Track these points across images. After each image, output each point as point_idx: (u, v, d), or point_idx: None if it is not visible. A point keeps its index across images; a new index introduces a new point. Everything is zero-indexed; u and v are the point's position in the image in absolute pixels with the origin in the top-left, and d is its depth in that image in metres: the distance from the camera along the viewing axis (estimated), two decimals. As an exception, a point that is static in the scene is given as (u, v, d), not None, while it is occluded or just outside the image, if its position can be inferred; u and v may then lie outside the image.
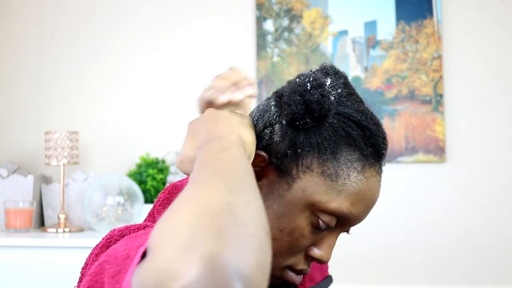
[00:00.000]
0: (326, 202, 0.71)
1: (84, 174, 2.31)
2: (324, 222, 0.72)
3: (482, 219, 2.34)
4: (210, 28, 2.49)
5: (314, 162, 0.72)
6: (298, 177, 0.72)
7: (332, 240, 0.75)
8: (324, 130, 0.72)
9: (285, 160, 0.72)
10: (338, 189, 0.71)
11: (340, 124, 0.73)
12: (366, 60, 2.43)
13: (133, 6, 2.52)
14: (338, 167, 0.72)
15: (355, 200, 0.72)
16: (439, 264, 2.35)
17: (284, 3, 2.45)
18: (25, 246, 1.98)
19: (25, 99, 2.51)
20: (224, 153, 0.60)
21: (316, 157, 0.72)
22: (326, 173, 0.71)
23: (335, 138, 0.72)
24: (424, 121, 2.37)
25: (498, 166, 2.36)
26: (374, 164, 0.74)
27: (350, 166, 0.72)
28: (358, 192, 0.72)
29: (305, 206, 0.71)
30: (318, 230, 0.73)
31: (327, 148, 0.72)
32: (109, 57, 2.51)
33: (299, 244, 0.72)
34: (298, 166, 0.72)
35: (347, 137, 0.72)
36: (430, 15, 2.39)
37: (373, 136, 0.74)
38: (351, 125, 0.73)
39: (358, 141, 0.73)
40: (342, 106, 0.74)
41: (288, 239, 0.72)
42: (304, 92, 0.71)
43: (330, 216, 0.72)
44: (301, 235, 0.72)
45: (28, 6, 2.53)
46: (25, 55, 2.53)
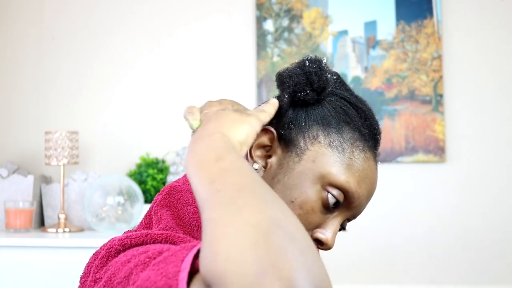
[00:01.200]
0: (336, 174, 0.72)
1: (84, 174, 2.31)
2: (333, 196, 0.72)
3: (482, 219, 2.34)
4: (210, 28, 2.49)
5: (320, 134, 0.74)
6: (306, 148, 0.74)
7: (336, 225, 0.75)
8: (324, 107, 0.75)
9: (292, 132, 0.75)
10: (346, 162, 0.73)
11: (338, 103, 0.76)
12: (366, 60, 2.43)
13: (133, 6, 2.52)
14: (343, 142, 0.74)
15: (360, 178, 0.74)
16: (439, 264, 2.35)
17: (284, 3, 2.45)
18: (25, 246, 1.98)
19: (25, 99, 2.51)
20: (221, 162, 0.57)
21: (321, 129, 0.74)
22: (333, 144, 0.73)
23: (335, 114, 0.75)
24: (424, 121, 2.37)
25: (498, 166, 2.36)
26: (372, 148, 0.76)
27: (353, 143, 0.74)
28: (362, 170, 0.74)
29: (316, 177, 0.73)
30: (326, 209, 0.74)
31: (331, 122, 0.74)
32: (109, 57, 2.51)
33: (309, 219, 0.73)
34: (305, 138, 0.74)
35: (346, 116, 0.75)
36: (430, 15, 2.39)
37: (368, 118, 0.77)
38: (348, 105, 0.76)
39: (356, 121, 0.75)
40: (339, 88, 0.78)
41: (299, 211, 0.72)
42: (303, 66, 0.75)
43: (339, 191, 0.73)
44: (311, 208, 0.72)
45: (28, 6, 2.53)
46: (25, 55, 2.53)
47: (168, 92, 2.47)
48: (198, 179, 0.56)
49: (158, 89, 2.49)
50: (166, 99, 2.47)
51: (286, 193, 0.73)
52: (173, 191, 0.80)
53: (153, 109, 2.47)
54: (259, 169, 0.75)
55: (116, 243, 0.67)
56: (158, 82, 2.49)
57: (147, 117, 2.47)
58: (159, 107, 2.47)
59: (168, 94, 2.47)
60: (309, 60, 0.76)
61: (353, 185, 0.73)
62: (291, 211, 0.53)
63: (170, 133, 2.42)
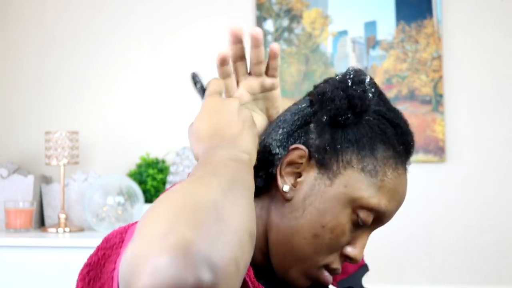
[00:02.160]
0: (367, 198, 0.73)
1: (84, 174, 2.31)
2: (362, 219, 0.73)
3: (482, 219, 2.34)
4: (210, 28, 2.49)
5: (353, 158, 0.73)
6: (339, 172, 0.73)
7: (365, 239, 0.77)
8: (361, 127, 0.74)
9: (325, 155, 0.74)
10: (378, 185, 0.73)
11: (375, 121, 0.75)
12: (366, 60, 2.43)
13: (133, 7, 2.52)
14: (377, 164, 0.74)
15: (391, 196, 0.75)
16: (439, 264, 2.35)
17: (284, 3, 2.45)
18: (25, 246, 1.99)
19: (26, 99, 2.51)
20: (233, 162, 0.63)
21: (356, 153, 0.73)
22: (366, 169, 0.73)
23: (371, 135, 0.74)
24: (424, 121, 2.37)
25: (498, 166, 2.36)
26: (405, 162, 0.77)
27: (386, 163, 0.74)
28: (394, 189, 0.75)
29: (347, 202, 0.73)
30: (355, 228, 0.74)
31: (366, 144, 0.74)
32: (110, 57, 2.51)
33: (339, 241, 0.73)
34: (339, 162, 0.73)
35: (382, 135, 0.75)
36: (430, 15, 2.39)
37: (404, 134, 0.76)
38: (385, 122, 0.75)
39: (392, 138, 0.75)
40: (377, 104, 0.76)
41: (330, 236, 0.72)
42: (346, 88, 0.73)
43: (368, 213, 0.73)
44: (342, 232, 0.73)
45: (29, 6, 2.53)
46: (26, 55, 2.53)
47: (168, 92, 2.47)
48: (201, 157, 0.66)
49: (158, 89, 2.49)
50: (166, 99, 2.47)
51: (317, 217, 0.72)
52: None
53: (153, 109, 2.47)
54: (288, 190, 0.74)
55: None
56: (158, 82, 2.49)
57: (147, 117, 2.47)
58: (159, 107, 2.47)
59: (168, 94, 2.47)
60: (351, 79, 0.74)
61: (384, 205, 0.74)
62: (252, 215, 0.57)
63: (170, 133, 2.42)
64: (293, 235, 0.73)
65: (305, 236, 0.72)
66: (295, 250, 0.73)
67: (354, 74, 0.75)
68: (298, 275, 0.75)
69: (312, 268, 0.74)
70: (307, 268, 0.74)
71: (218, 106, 0.72)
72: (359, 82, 0.74)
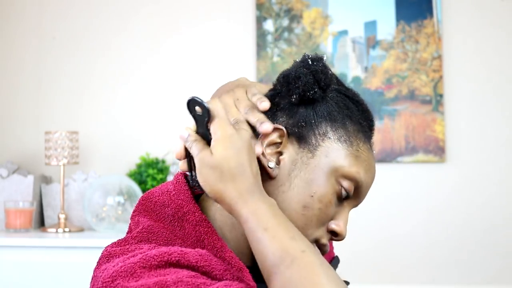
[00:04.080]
0: (348, 166, 0.76)
1: (84, 174, 2.31)
2: (345, 190, 0.76)
3: (482, 219, 2.34)
4: (210, 28, 2.49)
5: (329, 130, 0.77)
6: (318, 144, 0.77)
7: (347, 214, 0.79)
8: (328, 104, 0.78)
9: (302, 130, 0.77)
10: (355, 154, 0.77)
11: (339, 98, 0.79)
12: (366, 60, 2.43)
13: (133, 7, 2.52)
14: (350, 135, 0.78)
15: (366, 168, 0.78)
16: (439, 264, 2.35)
17: (284, 3, 2.45)
18: (25, 246, 1.98)
19: (25, 99, 2.51)
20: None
21: (329, 125, 0.77)
22: (342, 139, 0.77)
23: (338, 109, 0.78)
24: (424, 121, 2.37)
25: (498, 166, 2.36)
26: (370, 138, 0.81)
27: (357, 135, 0.78)
28: (368, 160, 0.78)
29: (330, 171, 0.76)
30: (339, 201, 0.77)
31: (336, 117, 0.78)
32: (110, 57, 2.51)
33: (327, 212, 0.76)
34: (316, 135, 0.77)
35: (347, 110, 0.79)
36: (430, 15, 2.39)
37: (364, 111, 0.81)
38: (347, 100, 0.80)
39: (356, 114, 0.79)
40: (336, 83, 0.81)
41: (319, 205, 0.75)
42: (308, 66, 0.77)
43: (350, 183, 0.76)
44: (329, 201, 0.76)
45: (28, 6, 2.53)
46: (26, 55, 2.53)
47: (168, 92, 2.47)
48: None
49: (158, 89, 2.49)
50: (166, 99, 2.47)
51: (305, 188, 0.75)
52: (149, 197, 0.82)
53: (153, 109, 2.47)
54: (274, 167, 0.76)
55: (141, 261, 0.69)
56: (158, 82, 2.49)
57: (147, 117, 2.47)
58: (159, 107, 2.47)
59: (168, 94, 2.47)
60: (311, 59, 0.78)
61: (362, 175, 0.77)
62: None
63: (170, 133, 2.42)
64: (283, 210, 0.74)
65: (295, 208, 0.75)
66: None
67: (311, 55, 0.79)
68: None
69: None
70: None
71: (236, 140, 0.72)
72: (319, 59, 0.78)
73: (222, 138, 0.71)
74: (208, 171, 0.71)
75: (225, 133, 0.72)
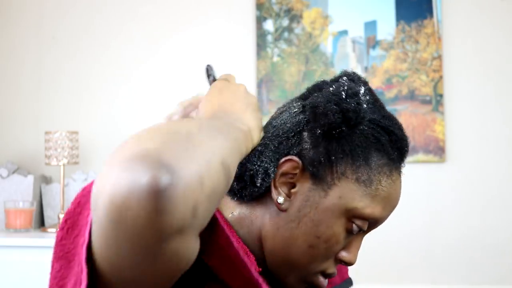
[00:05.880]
0: (362, 208, 0.73)
1: (84, 174, 2.31)
2: (358, 226, 0.74)
3: (482, 219, 2.34)
4: (210, 28, 2.49)
5: (348, 169, 0.73)
6: (333, 184, 0.73)
7: (359, 242, 0.78)
8: (355, 137, 0.73)
9: (320, 167, 0.73)
10: (372, 194, 0.74)
11: (370, 130, 0.74)
12: (366, 60, 2.43)
13: (133, 7, 2.52)
14: (371, 173, 0.74)
15: (385, 204, 0.75)
16: (439, 264, 2.35)
17: (284, 3, 2.45)
18: (25, 246, 1.99)
19: (25, 99, 2.51)
20: (227, 126, 0.64)
21: (350, 163, 0.73)
22: (361, 179, 0.73)
23: (366, 144, 0.74)
24: (424, 121, 2.37)
25: (498, 166, 2.36)
26: (399, 167, 0.78)
27: (380, 171, 0.74)
28: (388, 196, 0.75)
29: (342, 212, 0.73)
30: (350, 234, 0.75)
31: (360, 154, 0.73)
32: (109, 57, 2.51)
33: (333, 249, 0.74)
34: (333, 173, 0.73)
35: (377, 143, 0.74)
36: (430, 15, 2.39)
37: (398, 140, 0.77)
38: (380, 131, 0.75)
39: (386, 146, 0.75)
40: (371, 112, 0.75)
41: (325, 245, 0.73)
42: (340, 101, 0.72)
43: (363, 221, 0.74)
44: (336, 241, 0.74)
45: (28, 6, 2.53)
46: (25, 55, 2.53)
47: (168, 92, 2.47)
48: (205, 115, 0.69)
49: (158, 89, 2.49)
50: (166, 99, 2.47)
51: (312, 229, 0.73)
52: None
53: (153, 109, 2.47)
54: (283, 201, 0.74)
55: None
56: (159, 82, 2.49)
57: (147, 117, 2.47)
58: (159, 107, 2.47)
59: (169, 94, 2.47)
60: (345, 92, 0.72)
61: (378, 213, 0.75)
62: (227, 150, 0.56)
63: (170, 133, 2.42)
64: (289, 246, 0.74)
65: (300, 246, 0.73)
66: (291, 260, 0.74)
67: (348, 86, 0.73)
68: (295, 282, 0.76)
69: (308, 275, 0.75)
70: (304, 276, 0.76)
71: (225, 87, 0.74)
72: (354, 94, 0.72)
73: (210, 89, 0.76)
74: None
75: (214, 84, 0.76)
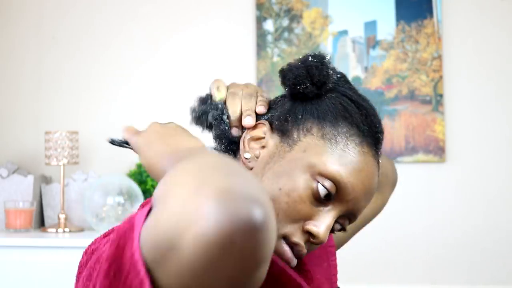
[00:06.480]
0: (325, 163, 0.72)
1: (84, 174, 2.31)
2: (324, 187, 0.71)
3: (482, 219, 2.34)
4: (210, 28, 2.49)
5: (314, 126, 0.74)
6: (299, 139, 0.74)
7: (330, 219, 0.72)
8: (323, 102, 0.76)
9: (286, 124, 0.76)
10: (338, 153, 0.73)
11: (338, 99, 0.76)
12: (366, 60, 2.43)
13: (133, 7, 2.52)
14: (337, 135, 0.74)
15: (353, 170, 0.72)
16: (439, 264, 2.35)
17: (284, 3, 2.45)
18: (25, 246, 1.98)
19: (25, 99, 2.51)
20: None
21: (316, 122, 0.75)
22: (326, 137, 0.74)
23: (333, 110, 0.75)
24: (424, 121, 2.37)
25: (498, 166, 2.36)
26: (371, 145, 0.75)
27: (348, 137, 0.74)
28: (356, 162, 0.73)
29: (305, 166, 0.72)
30: (317, 201, 0.72)
31: (326, 117, 0.75)
32: (110, 57, 2.51)
33: (297, 208, 0.71)
34: (299, 130, 0.75)
35: (345, 111, 0.75)
36: (430, 15, 2.39)
37: (368, 115, 0.77)
38: (349, 102, 0.77)
39: (355, 117, 0.75)
40: (342, 85, 0.78)
41: (287, 199, 0.71)
42: (305, 60, 0.77)
43: (330, 182, 0.71)
44: (299, 197, 0.71)
45: (28, 6, 2.53)
46: (25, 55, 2.52)
47: (168, 92, 2.47)
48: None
49: (158, 89, 2.48)
50: (167, 99, 2.47)
51: (274, 180, 0.72)
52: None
53: (153, 109, 2.47)
54: (251, 158, 0.76)
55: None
56: (159, 82, 2.49)
57: (147, 117, 2.47)
58: (159, 107, 2.47)
59: (169, 94, 2.47)
60: (312, 55, 0.77)
61: (344, 175, 0.71)
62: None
63: (170, 133, 2.42)
64: None
65: None
66: None
67: (315, 52, 0.79)
68: None
69: None
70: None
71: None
72: (318, 56, 0.77)
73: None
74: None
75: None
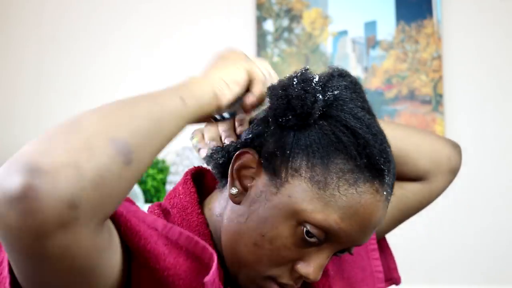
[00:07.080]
0: (311, 212, 0.65)
1: (84, 174, 2.31)
2: (311, 234, 0.66)
3: (482, 219, 2.34)
4: (210, 28, 2.49)
5: (303, 166, 0.66)
6: (286, 181, 0.67)
7: (322, 258, 0.69)
8: (313, 132, 0.67)
9: (274, 161, 0.68)
10: (326, 199, 0.65)
11: (330, 127, 0.67)
12: (366, 60, 2.43)
13: (133, 6, 2.52)
14: (328, 175, 0.66)
15: (345, 215, 0.66)
16: (439, 264, 2.35)
17: (284, 3, 2.45)
18: (25, 246, 1.98)
19: (25, 99, 2.52)
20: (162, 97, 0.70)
21: (305, 160, 0.66)
22: (314, 179, 0.66)
23: (324, 142, 0.66)
24: (424, 121, 2.37)
25: (498, 166, 2.36)
26: (371, 180, 0.66)
27: (341, 177, 0.65)
28: (348, 207, 0.65)
29: (290, 213, 0.66)
30: (304, 243, 0.67)
31: (316, 152, 0.66)
32: (109, 57, 2.51)
33: (281, 254, 0.68)
34: (287, 169, 0.67)
35: (338, 143, 0.66)
36: (430, 15, 2.39)
37: (368, 146, 0.66)
38: (343, 130, 0.67)
39: (350, 149, 0.66)
40: (337, 109, 0.68)
41: (269, 246, 0.67)
42: (287, 86, 0.68)
43: (318, 230, 0.66)
44: (283, 244, 0.67)
45: (28, 6, 2.53)
46: (25, 55, 2.53)
47: (168, 92, 2.47)
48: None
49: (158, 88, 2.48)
50: (166, 99, 2.47)
51: (258, 225, 0.67)
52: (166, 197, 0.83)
53: (153, 109, 2.47)
54: (237, 193, 0.70)
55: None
56: (158, 82, 2.48)
57: (147, 117, 2.47)
58: (159, 107, 2.47)
59: (168, 94, 2.47)
60: (297, 78, 0.68)
61: (334, 223, 0.65)
62: (118, 120, 0.58)
63: (170, 133, 2.42)
64: (237, 241, 0.70)
65: (246, 243, 0.68)
66: (239, 256, 0.70)
67: (302, 73, 0.69)
68: (246, 281, 0.71)
69: (258, 277, 0.70)
70: (253, 276, 0.70)
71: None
72: (303, 81, 0.67)
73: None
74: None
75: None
